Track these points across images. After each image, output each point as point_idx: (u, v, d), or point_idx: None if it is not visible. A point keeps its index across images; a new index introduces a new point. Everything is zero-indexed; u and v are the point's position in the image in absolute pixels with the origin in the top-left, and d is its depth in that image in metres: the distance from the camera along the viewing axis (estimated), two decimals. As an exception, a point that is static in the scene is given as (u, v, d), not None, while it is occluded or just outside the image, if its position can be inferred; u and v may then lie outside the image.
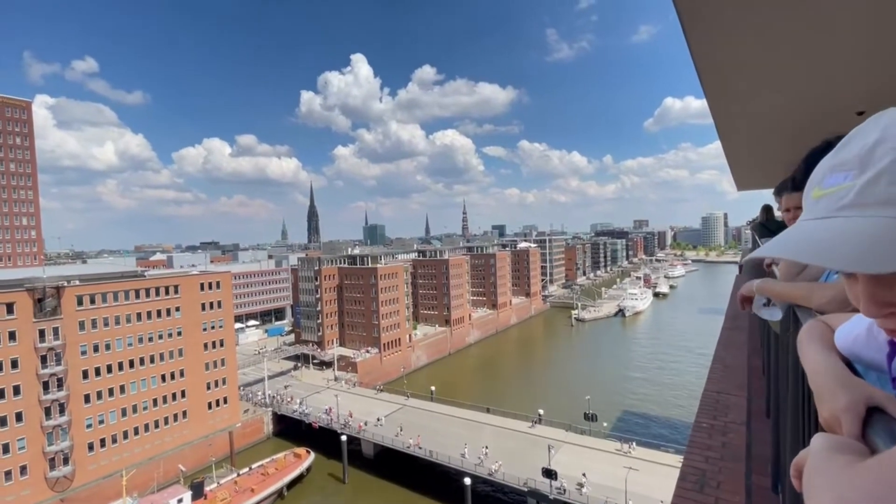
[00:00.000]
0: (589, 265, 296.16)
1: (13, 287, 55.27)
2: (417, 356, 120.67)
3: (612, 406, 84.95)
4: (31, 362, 55.18)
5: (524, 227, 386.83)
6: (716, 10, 3.63)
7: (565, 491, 50.49)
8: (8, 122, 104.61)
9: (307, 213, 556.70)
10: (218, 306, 75.47)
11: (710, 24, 3.85)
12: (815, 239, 0.79)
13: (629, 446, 59.16)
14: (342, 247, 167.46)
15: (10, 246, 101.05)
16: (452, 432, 67.34)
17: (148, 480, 59.75)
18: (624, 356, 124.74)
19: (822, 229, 0.79)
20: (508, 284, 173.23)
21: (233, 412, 76.19)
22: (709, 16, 3.71)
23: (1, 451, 52.82)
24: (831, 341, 1.11)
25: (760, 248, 1.05)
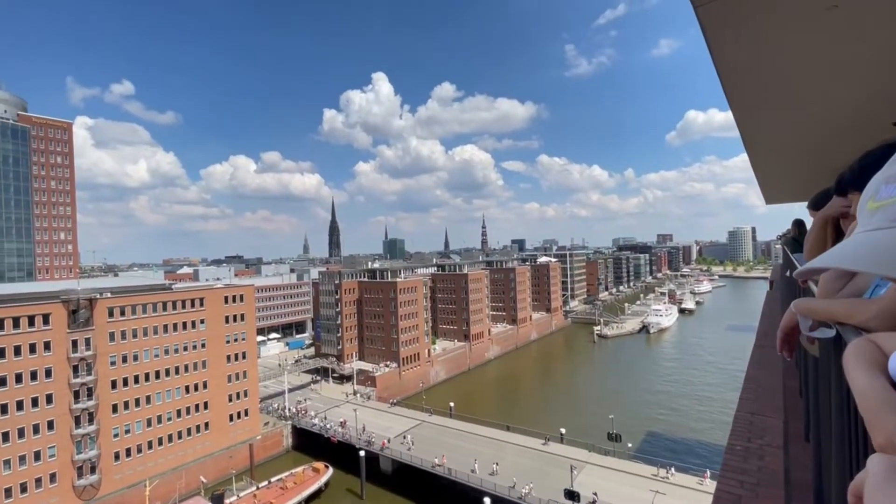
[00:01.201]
0: (611, 280, 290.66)
1: (50, 299, 57.65)
2: (436, 371, 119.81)
3: (636, 426, 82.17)
4: (63, 372, 57.09)
5: (544, 242, 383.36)
6: (740, 23, 3.58)
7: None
8: (51, 143, 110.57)
9: (328, 228, 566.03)
10: (241, 319, 76.86)
11: (735, 37, 3.80)
12: (877, 248, 0.76)
13: (668, 472, 56.07)
14: (362, 261, 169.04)
15: (49, 259, 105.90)
16: (471, 450, 66.13)
17: (170, 491, 60.49)
18: (649, 374, 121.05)
19: (882, 239, 0.77)
20: (528, 299, 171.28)
21: (253, 425, 76.82)
22: (733, 29, 3.67)
23: (33, 459, 54.45)
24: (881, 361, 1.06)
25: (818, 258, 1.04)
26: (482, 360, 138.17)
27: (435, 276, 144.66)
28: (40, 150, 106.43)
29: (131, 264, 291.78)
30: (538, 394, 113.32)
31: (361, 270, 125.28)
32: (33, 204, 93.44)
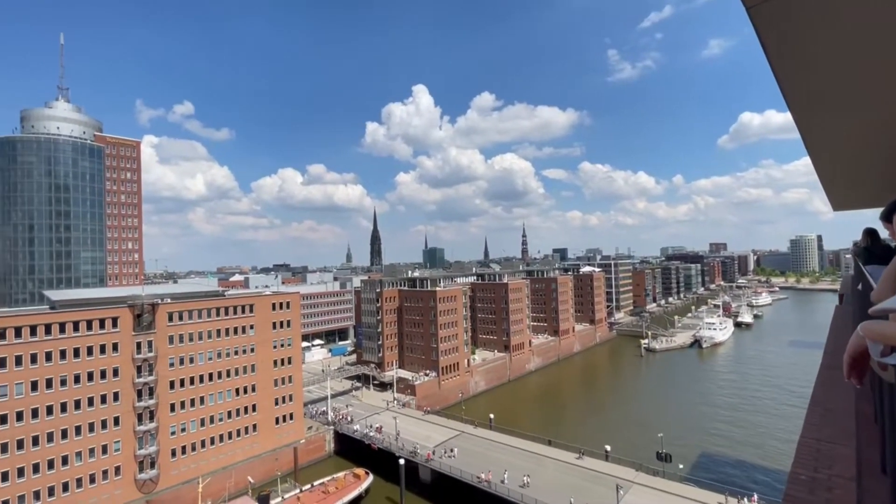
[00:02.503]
0: (659, 291, 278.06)
1: (118, 303, 62.46)
2: (476, 382, 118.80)
3: (688, 446, 77.52)
4: (128, 371, 61.45)
5: (587, 251, 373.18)
6: (797, 21, 3.36)
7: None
8: (121, 160, 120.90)
9: (370, 237, 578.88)
10: (287, 325, 79.81)
11: (792, 37, 3.57)
12: None
13: (734, 499, 51.80)
14: (403, 270, 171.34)
15: (118, 266, 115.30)
16: (511, 463, 64.80)
17: (220, 490, 63.26)
18: (702, 392, 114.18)
19: None
20: (571, 310, 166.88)
21: (298, 428, 79.13)
22: (791, 26, 3.44)
23: (101, 452, 58.74)
24: None
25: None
26: (523, 371, 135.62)
27: (474, 286, 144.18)
28: (112, 167, 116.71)
29: (189, 272, 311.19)
30: (581, 408, 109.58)
31: (402, 279, 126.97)
32: (106, 216, 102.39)
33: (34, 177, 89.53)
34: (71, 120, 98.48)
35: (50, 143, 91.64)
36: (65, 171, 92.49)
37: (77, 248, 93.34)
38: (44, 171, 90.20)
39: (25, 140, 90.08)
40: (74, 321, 57.74)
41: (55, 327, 56.28)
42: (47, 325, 55.83)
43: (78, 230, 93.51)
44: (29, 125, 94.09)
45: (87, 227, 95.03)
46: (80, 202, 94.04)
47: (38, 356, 54.77)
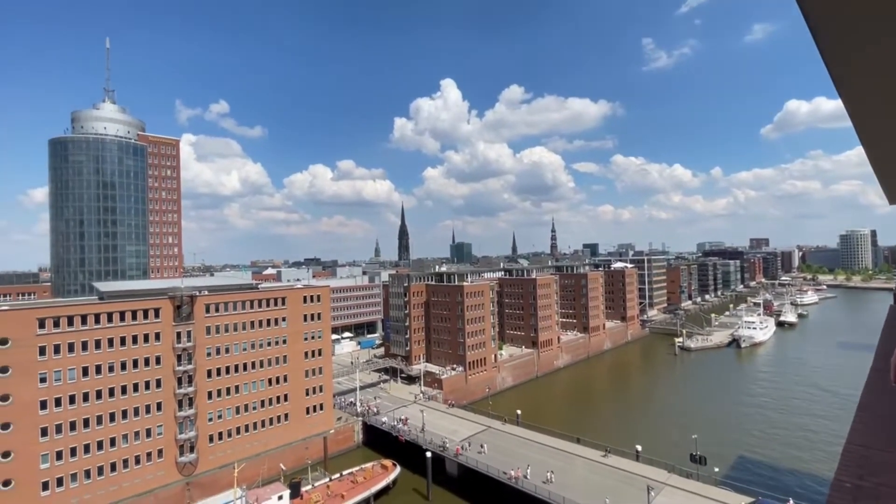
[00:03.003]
0: (695, 288, 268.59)
1: (160, 295, 65.61)
2: (503, 377, 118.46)
3: (724, 449, 74.87)
4: (169, 360, 64.57)
5: (619, 246, 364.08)
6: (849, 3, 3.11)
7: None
8: (162, 158, 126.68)
9: (398, 232, 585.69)
10: (318, 318, 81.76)
11: (845, 15, 3.31)
12: None
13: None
14: (430, 264, 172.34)
15: (159, 260, 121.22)
16: (539, 460, 64.38)
17: (254, 475, 65.77)
18: (740, 393, 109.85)
19: None
20: (601, 307, 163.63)
21: (327, 419, 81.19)
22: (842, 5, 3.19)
23: (145, 435, 62.12)
24: None
25: None
26: (551, 368, 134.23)
27: (502, 281, 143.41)
28: (154, 165, 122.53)
29: (224, 265, 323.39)
30: (611, 407, 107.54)
31: (429, 274, 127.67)
32: (148, 212, 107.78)
33: (84, 175, 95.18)
34: (116, 120, 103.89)
35: (98, 142, 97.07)
36: (111, 169, 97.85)
37: (122, 242, 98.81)
38: (92, 169, 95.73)
39: (76, 140, 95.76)
40: (121, 311, 61.06)
41: (104, 317, 59.68)
42: (97, 315, 59.26)
43: (123, 225, 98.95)
44: (79, 126, 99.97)
45: (131, 223, 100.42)
46: (125, 198, 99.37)
47: (89, 344, 58.26)
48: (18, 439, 52.87)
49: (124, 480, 59.87)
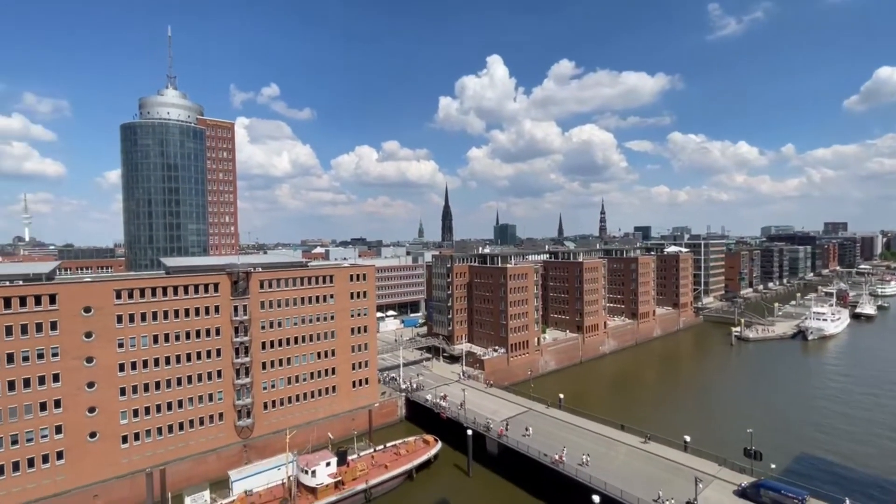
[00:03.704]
0: (757, 275, 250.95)
1: (219, 271, 69.79)
2: (546, 361, 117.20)
3: (783, 446, 70.38)
4: (227, 331, 68.96)
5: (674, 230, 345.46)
6: None
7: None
8: (219, 141, 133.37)
9: (442, 213, 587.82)
10: (363, 296, 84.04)
11: None
12: None
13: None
14: (473, 246, 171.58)
15: (217, 238, 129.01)
16: (581, 444, 63.50)
17: (304, 441, 69.62)
18: (805, 388, 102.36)
19: None
20: (652, 293, 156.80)
21: (372, 393, 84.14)
22: None
23: (207, 399, 67.23)
24: None
25: None
26: (596, 353, 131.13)
27: (547, 264, 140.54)
28: (211, 147, 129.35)
29: (276, 244, 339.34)
30: (659, 395, 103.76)
31: (472, 255, 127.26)
32: (207, 192, 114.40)
33: (150, 157, 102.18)
34: (178, 105, 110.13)
35: (162, 127, 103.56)
36: (174, 151, 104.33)
37: (185, 220, 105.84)
38: (158, 152, 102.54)
39: (144, 125, 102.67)
40: (185, 285, 65.62)
41: (170, 290, 64.43)
42: (164, 288, 64.06)
43: (185, 205, 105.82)
44: (145, 111, 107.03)
45: (192, 202, 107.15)
46: (187, 180, 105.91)
47: (158, 314, 63.27)
48: (101, 397, 58.86)
49: (191, 439, 65.36)
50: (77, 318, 57.26)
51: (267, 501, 56.30)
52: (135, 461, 60.63)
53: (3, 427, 53.07)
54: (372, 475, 62.15)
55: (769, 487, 49.20)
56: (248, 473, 60.47)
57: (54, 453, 55.91)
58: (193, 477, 63.04)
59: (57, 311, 55.97)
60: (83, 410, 57.63)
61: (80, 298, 57.71)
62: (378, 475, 62.42)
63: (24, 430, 54.20)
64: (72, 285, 58.34)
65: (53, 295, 55.97)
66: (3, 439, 53.10)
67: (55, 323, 55.87)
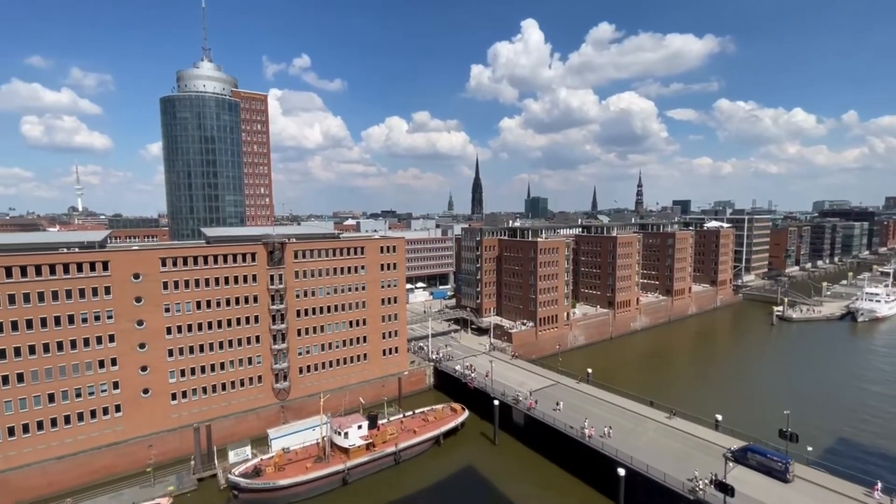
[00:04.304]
0: (805, 253, 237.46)
1: (255, 241, 72.28)
2: (575, 336, 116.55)
3: (822, 429, 68.06)
4: (264, 299, 71.94)
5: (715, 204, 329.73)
6: None
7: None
8: (252, 113, 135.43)
9: (472, 185, 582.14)
10: (394, 267, 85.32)
11: None
12: None
13: (874, 491, 45.65)
14: (503, 219, 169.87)
15: (253, 209, 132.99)
16: (608, 419, 63.48)
17: (337, 405, 72.88)
18: (851, 371, 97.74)
19: None
20: (689, 269, 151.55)
21: (402, 361, 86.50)
22: None
23: (247, 363, 71.08)
24: None
25: None
26: (627, 329, 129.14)
27: (579, 238, 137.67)
28: (246, 120, 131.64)
29: (309, 215, 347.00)
30: (690, 374, 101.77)
31: (502, 228, 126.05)
32: (243, 164, 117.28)
33: (189, 130, 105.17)
34: (214, 78, 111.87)
35: (199, 99, 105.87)
36: (211, 124, 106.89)
37: (223, 192, 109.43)
38: (196, 125, 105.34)
39: (181, 98, 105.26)
40: (224, 254, 68.42)
41: (210, 258, 67.38)
42: (205, 257, 67.04)
43: (222, 176, 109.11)
44: (182, 84, 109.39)
45: (229, 174, 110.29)
46: (223, 152, 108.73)
47: (200, 281, 66.54)
48: (152, 357, 63.23)
49: (232, 398, 69.66)
50: (127, 283, 61.04)
51: (303, 459, 59.73)
52: (183, 417, 65.38)
53: (68, 381, 58.11)
54: (401, 439, 64.64)
55: (756, 451, 51.94)
56: (285, 432, 64.19)
57: (113, 406, 60.98)
58: (236, 433, 67.51)
59: (109, 277, 59.78)
60: (136, 369, 62.21)
61: (129, 265, 61.33)
62: (407, 439, 64.85)
63: (87, 385, 59.20)
64: (122, 253, 61.96)
65: (106, 262, 59.69)
66: (69, 392, 58.24)
67: (108, 288, 59.80)
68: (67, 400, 58.22)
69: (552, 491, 56.46)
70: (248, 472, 55.84)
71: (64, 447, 58.10)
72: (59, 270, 56.89)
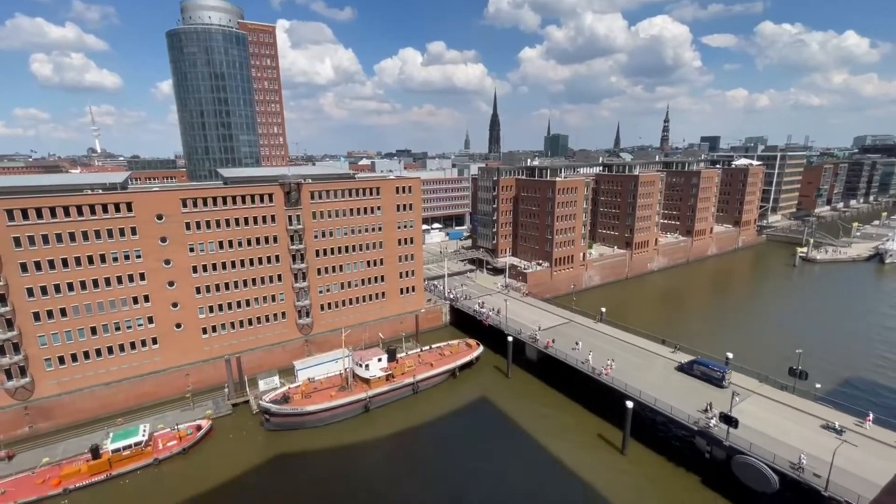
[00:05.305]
0: (839, 192, 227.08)
1: (272, 181, 72.37)
2: (590, 276, 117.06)
3: (834, 368, 68.94)
4: (284, 239, 73.41)
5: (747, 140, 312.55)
6: None
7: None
8: (261, 46, 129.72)
9: (489, 122, 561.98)
10: (409, 208, 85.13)
11: None
12: None
13: (865, 422, 47.72)
14: (521, 158, 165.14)
15: (267, 149, 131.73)
16: (619, 356, 65.32)
17: (357, 340, 76.50)
18: (871, 312, 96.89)
19: None
20: (712, 209, 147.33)
21: (418, 299, 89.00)
22: None
23: (271, 300, 74.17)
24: None
25: None
26: (643, 270, 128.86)
27: (599, 177, 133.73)
28: (254, 54, 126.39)
29: (323, 155, 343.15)
30: (704, 313, 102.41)
31: (520, 167, 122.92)
32: (255, 102, 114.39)
33: (198, 66, 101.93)
34: (219, 8, 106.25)
35: (205, 32, 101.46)
36: (219, 59, 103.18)
37: (236, 131, 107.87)
38: (204, 60, 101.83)
39: (187, 31, 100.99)
40: (242, 195, 69.03)
41: (229, 199, 68.14)
42: (224, 198, 67.79)
43: (235, 115, 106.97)
44: (187, 16, 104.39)
45: (241, 113, 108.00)
46: (234, 89, 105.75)
47: (221, 222, 67.84)
48: (181, 294, 66.40)
49: (259, 333, 73.60)
50: (152, 224, 62.71)
51: (327, 388, 63.95)
52: (215, 349, 69.77)
53: (107, 316, 61.94)
54: (419, 371, 68.22)
55: (700, 363, 60.13)
56: (310, 364, 68.25)
57: (150, 339, 65.25)
58: (264, 364, 72.09)
59: (134, 218, 61.39)
60: (168, 305, 65.64)
61: (152, 206, 62.63)
62: (424, 371, 68.42)
63: (124, 320, 63.07)
64: (144, 194, 63.06)
65: (129, 203, 61.00)
66: (109, 326, 62.29)
67: (134, 228, 61.63)
68: (108, 333, 62.42)
69: (561, 420, 59.73)
70: (278, 399, 60.31)
71: (109, 375, 63.27)
72: (85, 211, 58.57)
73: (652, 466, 50.45)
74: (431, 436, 58.64)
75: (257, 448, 55.58)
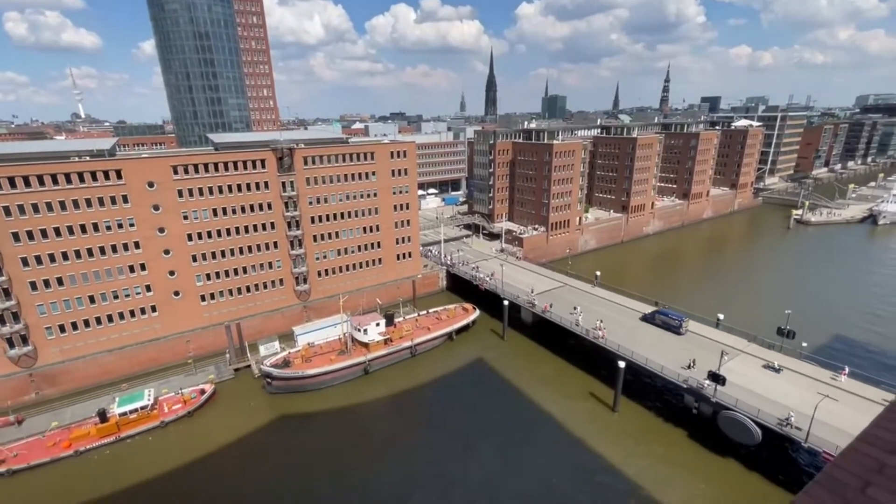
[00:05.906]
0: (837, 153, 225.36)
1: (263, 147, 70.87)
2: (586, 240, 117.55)
3: (820, 327, 70.77)
4: (278, 206, 72.75)
5: (748, 100, 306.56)
6: None
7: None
8: (245, 3, 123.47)
9: (486, 83, 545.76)
10: (405, 173, 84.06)
11: None
12: None
13: (840, 375, 50.05)
14: (518, 120, 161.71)
15: (258, 113, 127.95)
16: (612, 318, 66.70)
17: (355, 305, 77.40)
18: (861, 273, 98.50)
19: None
20: (709, 172, 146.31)
21: (415, 265, 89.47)
22: None
23: (269, 267, 74.35)
24: None
25: None
26: (639, 234, 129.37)
27: (597, 140, 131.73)
28: (239, 12, 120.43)
29: (316, 119, 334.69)
30: (697, 276, 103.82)
31: (517, 130, 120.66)
32: (242, 64, 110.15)
33: (180, 25, 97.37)
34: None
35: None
36: (203, 17, 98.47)
37: (225, 95, 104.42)
38: (187, 18, 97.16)
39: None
40: (234, 161, 67.74)
41: (221, 166, 66.91)
42: (215, 164, 66.54)
43: (223, 77, 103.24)
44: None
45: (228, 75, 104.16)
46: (220, 49, 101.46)
47: (213, 189, 66.91)
48: (177, 262, 66.39)
49: (258, 300, 74.23)
50: (144, 191, 61.82)
51: (327, 352, 65.29)
52: (214, 316, 70.54)
53: (104, 285, 62.11)
54: (416, 335, 69.54)
55: (661, 313, 65.06)
56: (309, 329, 69.34)
57: (149, 307, 65.78)
58: (264, 330, 73.15)
59: (125, 186, 60.43)
60: (164, 273, 65.76)
61: (142, 173, 61.53)
62: (422, 335, 69.75)
63: (122, 288, 63.31)
64: (134, 161, 61.82)
65: (119, 170, 59.86)
66: (107, 294, 62.58)
67: (126, 196, 60.79)
68: (107, 301, 62.79)
69: (555, 380, 61.67)
70: (279, 363, 61.66)
71: (111, 342, 64.18)
72: (74, 179, 57.51)
73: (641, 421, 52.63)
74: (430, 393, 60.67)
75: (260, 410, 57.37)
